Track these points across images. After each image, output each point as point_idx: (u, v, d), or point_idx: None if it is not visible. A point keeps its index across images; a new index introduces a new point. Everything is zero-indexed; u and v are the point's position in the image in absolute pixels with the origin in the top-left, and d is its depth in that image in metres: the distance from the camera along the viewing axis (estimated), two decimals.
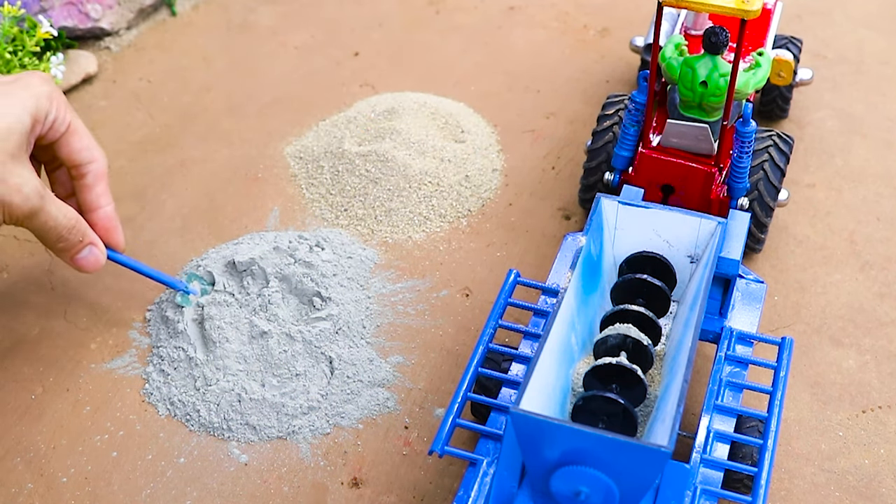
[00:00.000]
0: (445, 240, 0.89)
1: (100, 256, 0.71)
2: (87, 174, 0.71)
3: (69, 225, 0.68)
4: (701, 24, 0.88)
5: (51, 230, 0.67)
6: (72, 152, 0.70)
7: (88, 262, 0.71)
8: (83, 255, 0.70)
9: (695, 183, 0.79)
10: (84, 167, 0.71)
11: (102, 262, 0.72)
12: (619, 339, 0.64)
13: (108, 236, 0.73)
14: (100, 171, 0.72)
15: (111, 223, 0.73)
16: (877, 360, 0.79)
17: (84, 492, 0.70)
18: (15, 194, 0.63)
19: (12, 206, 0.63)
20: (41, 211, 0.65)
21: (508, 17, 1.19)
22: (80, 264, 0.71)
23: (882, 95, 1.05)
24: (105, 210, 0.73)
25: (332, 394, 0.75)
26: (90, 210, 0.72)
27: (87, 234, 0.70)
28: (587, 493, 0.55)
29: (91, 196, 0.72)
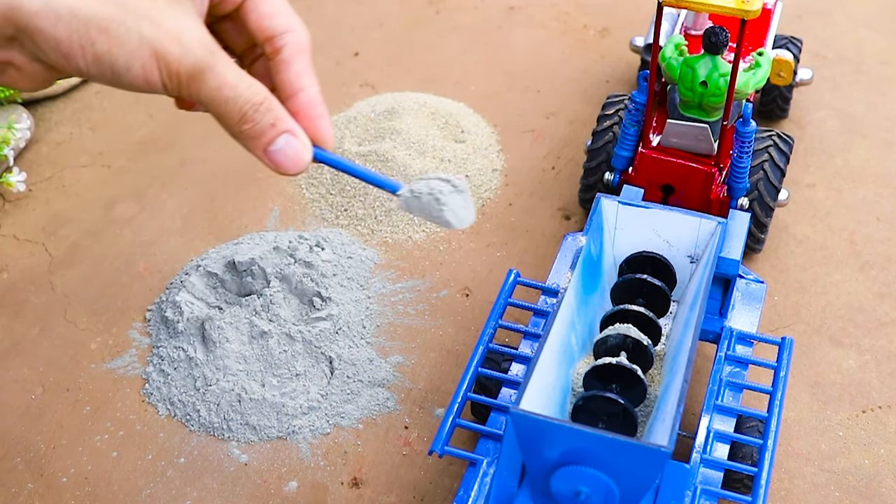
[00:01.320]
0: (445, 240, 0.89)
1: (301, 150, 0.51)
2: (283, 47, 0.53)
3: (255, 99, 0.49)
4: (701, 24, 0.88)
5: (229, 101, 0.48)
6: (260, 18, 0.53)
7: (287, 157, 0.51)
8: (278, 145, 0.51)
9: (695, 183, 0.79)
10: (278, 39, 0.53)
11: (306, 160, 0.52)
12: (619, 339, 0.64)
13: (312, 127, 0.53)
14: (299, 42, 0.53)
15: (315, 110, 0.54)
16: (877, 360, 0.79)
17: (84, 492, 0.70)
18: (170, 41, 0.46)
19: (168, 57, 0.45)
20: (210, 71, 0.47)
21: (508, 17, 1.19)
22: (275, 159, 0.51)
23: (882, 95, 1.05)
24: (308, 93, 0.53)
25: (332, 394, 0.75)
26: (289, 95, 0.53)
27: (283, 119, 0.51)
28: (587, 493, 0.55)
29: (288, 75, 0.53)
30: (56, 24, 0.43)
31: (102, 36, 0.44)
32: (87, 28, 0.44)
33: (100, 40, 0.44)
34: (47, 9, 0.43)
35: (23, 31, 0.43)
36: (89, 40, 0.44)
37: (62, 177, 0.97)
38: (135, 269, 0.87)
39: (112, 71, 0.45)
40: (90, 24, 0.44)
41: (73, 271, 0.87)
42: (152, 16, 0.45)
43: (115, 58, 0.45)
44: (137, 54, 0.45)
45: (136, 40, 0.45)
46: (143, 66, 0.45)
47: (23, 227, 0.92)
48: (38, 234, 0.91)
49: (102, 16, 0.44)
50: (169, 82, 0.47)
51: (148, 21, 0.45)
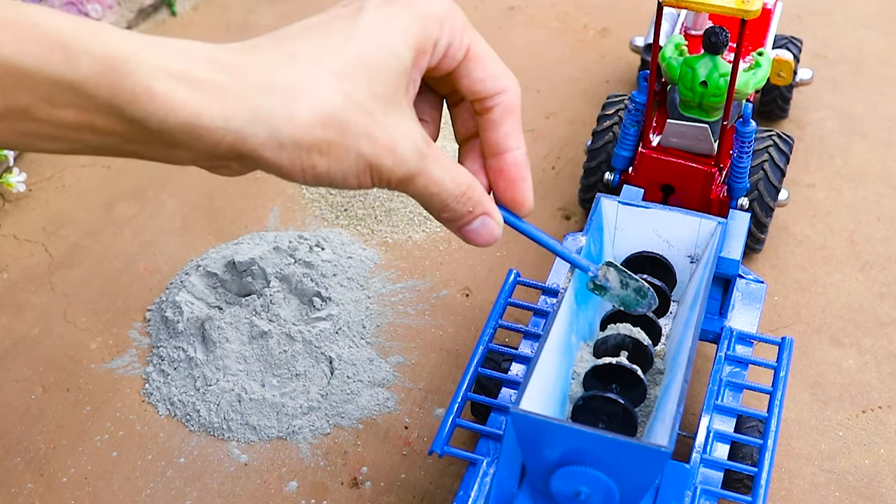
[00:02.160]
0: (445, 240, 0.89)
1: (494, 229, 0.55)
2: (494, 108, 0.54)
3: (457, 192, 0.52)
4: (701, 24, 0.88)
5: (433, 197, 0.51)
6: (473, 83, 0.53)
7: (480, 236, 0.54)
8: (474, 226, 0.54)
9: (695, 183, 0.79)
10: (489, 100, 0.54)
11: (497, 236, 0.55)
12: (619, 339, 0.64)
13: (510, 191, 0.56)
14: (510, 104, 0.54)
15: (518, 173, 0.55)
16: (877, 360, 0.79)
17: (84, 492, 0.70)
18: (386, 155, 0.48)
19: (382, 169, 0.48)
20: (420, 175, 0.50)
21: (508, 17, 1.19)
22: (469, 237, 0.54)
23: (882, 95, 1.05)
24: (513, 154, 0.55)
25: (332, 394, 0.75)
26: (494, 154, 0.55)
27: (481, 203, 0.54)
28: (587, 493, 0.55)
29: (496, 135, 0.55)
30: (280, 154, 0.45)
31: (323, 159, 0.46)
32: (310, 155, 0.46)
33: (320, 163, 0.46)
34: (272, 141, 0.44)
35: (246, 157, 0.45)
36: (310, 164, 0.46)
37: (62, 177, 0.97)
38: (135, 269, 0.87)
39: (328, 182, 0.48)
40: (311, 150, 0.45)
41: (73, 271, 0.87)
42: (370, 131, 0.47)
43: (334, 174, 0.47)
44: (353, 169, 0.47)
45: (354, 158, 0.47)
46: (357, 177, 0.47)
47: (23, 227, 0.92)
48: (38, 234, 0.91)
49: (324, 142, 0.45)
50: (379, 185, 0.49)
51: (366, 138, 0.46)
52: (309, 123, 0.44)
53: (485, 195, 0.54)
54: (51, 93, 0.39)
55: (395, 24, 0.48)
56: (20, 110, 0.39)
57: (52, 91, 0.39)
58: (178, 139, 0.42)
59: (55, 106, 0.39)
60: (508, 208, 0.55)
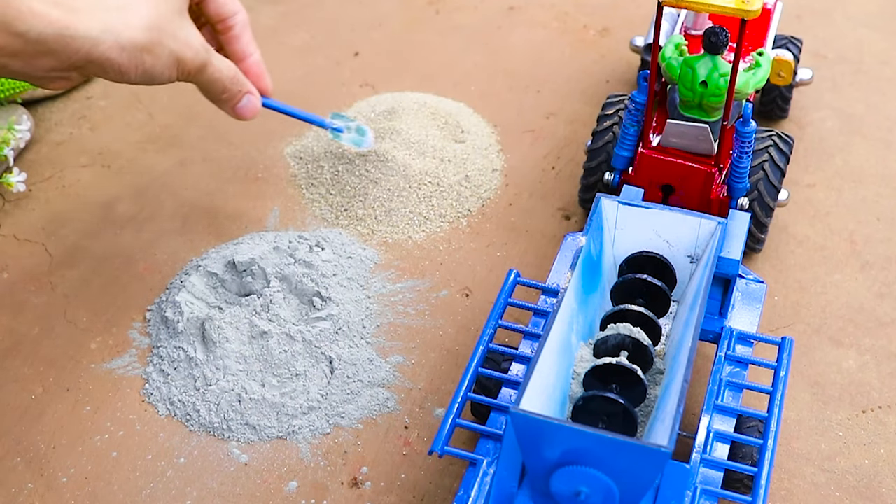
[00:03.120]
0: (445, 240, 0.89)
1: (256, 103, 0.76)
2: (234, 25, 0.76)
3: (231, 75, 0.72)
4: (701, 24, 0.88)
5: (216, 82, 0.71)
6: (218, 6, 0.74)
7: (247, 109, 0.76)
8: (243, 103, 0.75)
9: (695, 183, 0.79)
10: (230, 19, 0.75)
11: (258, 109, 0.77)
12: (619, 339, 0.64)
13: (259, 82, 0.78)
14: (244, 20, 0.76)
15: (260, 69, 0.78)
16: (877, 360, 0.79)
17: (84, 492, 0.70)
18: (187, 49, 0.66)
19: (185, 61, 0.67)
20: (209, 64, 0.69)
21: (508, 17, 1.19)
22: (240, 112, 0.76)
23: (882, 95, 1.05)
24: (254, 57, 0.78)
25: (332, 394, 0.75)
26: (240, 59, 0.77)
27: (245, 83, 0.75)
28: (587, 493, 0.55)
29: (240, 46, 0.77)
30: (121, 55, 0.62)
31: (148, 56, 0.64)
32: (141, 53, 0.64)
33: (147, 59, 0.64)
34: (116, 45, 0.62)
35: (93, 61, 0.61)
36: (141, 61, 0.64)
37: (62, 177, 0.97)
38: (135, 269, 0.87)
39: (150, 77, 0.66)
40: (143, 50, 0.64)
41: (73, 271, 0.87)
42: (174, 32, 0.66)
43: (154, 68, 0.65)
44: (167, 62, 0.66)
45: (168, 54, 0.66)
46: (168, 69, 0.67)
47: (23, 227, 0.92)
48: (38, 234, 0.91)
49: (150, 42, 0.64)
50: (181, 76, 0.69)
51: (173, 38, 0.66)
52: (139, 28, 0.63)
53: (245, 78, 0.75)
54: None
55: None
56: None
57: None
58: (50, 47, 0.59)
59: None
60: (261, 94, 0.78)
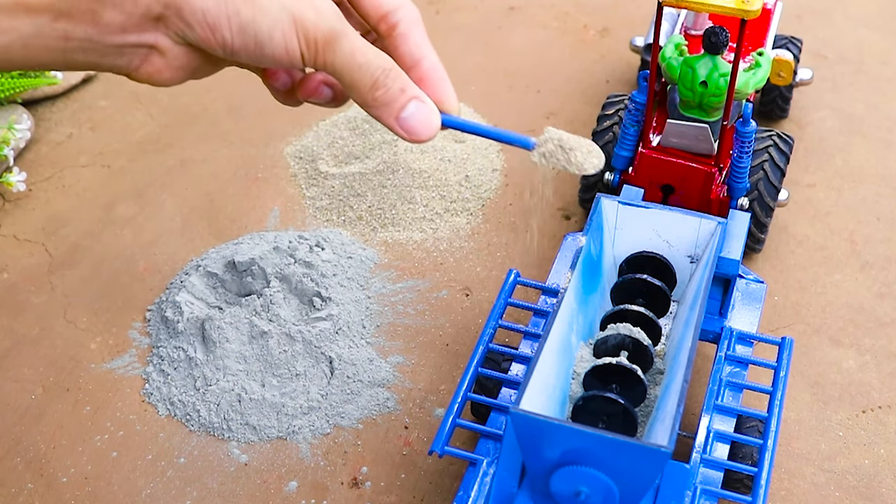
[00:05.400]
0: (445, 240, 0.89)
1: (431, 116, 0.52)
2: (399, 22, 0.54)
3: (386, 65, 0.50)
4: (701, 24, 0.88)
5: (362, 68, 0.49)
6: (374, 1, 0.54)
7: (419, 122, 0.52)
8: (409, 111, 0.51)
9: (695, 183, 0.79)
10: (392, 15, 0.54)
11: (436, 125, 0.52)
12: (619, 339, 0.64)
13: (437, 92, 0.53)
14: (413, 16, 0.55)
15: (438, 75, 0.54)
16: (877, 360, 0.79)
17: (84, 492, 0.70)
18: (307, 8, 0.47)
19: (306, 24, 0.47)
20: (344, 36, 0.48)
21: (508, 17, 1.19)
22: (407, 126, 0.52)
23: (882, 95, 1.05)
24: (430, 60, 0.54)
25: (332, 394, 0.75)
26: (411, 66, 0.54)
27: (411, 86, 0.52)
28: (587, 493, 0.55)
29: (408, 47, 0.54)
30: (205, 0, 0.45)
31: (246, 5, 0.46)
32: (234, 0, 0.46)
33: (244, 9, 0.46)
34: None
35: (171, 5, 0.45)
36: (234, 9, 0.46)
37: (62, 177, 0.97)
38: (135, 269, 0.87)
39: (255, 41, 0.47)
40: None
41: (73, 271, 0.87)
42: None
43: (259, 25, 0.46)
44: (278, 21, 0.46)
45: (277, 8, 0.46)
46: (283, 33, 0.46)
47: (23, 227, 0.92)
48: (38, 234, 0.91)
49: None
50: (307, 50, 0.47)
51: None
52: None
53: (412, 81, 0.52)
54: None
55: None
56: None
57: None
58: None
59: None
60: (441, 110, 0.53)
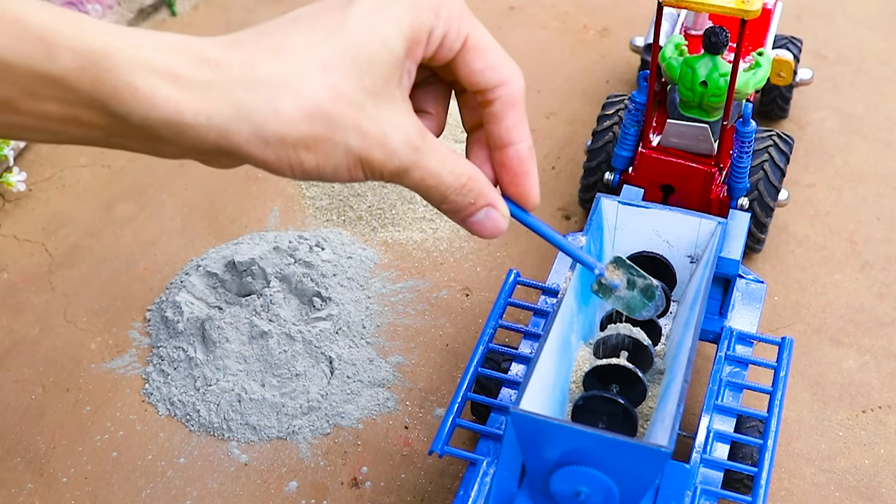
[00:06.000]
0: (445, 240, 0.89)
1: (499, 221, 0.53)
2: (495, 101, 0.53)
3: (457, 185, 0.51)
4: (701, 24, 0.88)
5: (431, 189, 0.50)
6: (472, 74, 0.51)
7: (485, 228, 0.53)
8: (477, 218, 0.53)
9: (695, 183, 0.79)
10: (489, 93, 0.52)
11: (502, 228, 0.54)
12: (619, 339, 0.64)
13: (514, 185, 0.54)
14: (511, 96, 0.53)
15: (521, 167, 0.54)
16: (877, 360, 0.79)
17: (84, 492, 0.70)
18: (376, 149, 0.47)
19: (373, 163, 0.47)
20: (415, 168, 0.49)
21: (508, 17, 1.19)
22: (474, 229, 0.53)
23: (882, 95, 1.05)
24: (516, 148, 0.53)
25: (332, 394, 0.75)
26: (498, 147, 0.54)
27: (484, 195, 0.52)
28: (587, 493, 0.55)
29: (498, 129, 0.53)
30: (265, 151, 0.44)
31: (310, 155, 0.45)
32: (296, 151, 0.45)
33: (307, 158, 0.45)
34: (256, 138, 0.43)
35: (232, 153, 0.44)
36: (298, 161, 0.45)
37: (62, 177, 0.97)
38: (135, 269, 0.87)
39: (319, 177, 0.47)
40: (298, 146, 0.44)
41: (73, 271, 0.87)
42: (359, 125, 0.45)
43: (323, 169, 0.46)
44: (343, 163, 0.46)
45: (343, 152, 0.46)
46: (348, 171, 0.47)
47: (23, 227, 0.92)
48: (38, 234, 0.91)
49: (310, 136, 0.44)
50: (373, 178, 0.48)
51: (354, 132, 0.45)
52: (293, 119, 0.43)
53: (488, 186, 0.52)
54: (34, 86, 0.39)
55: (388, 13, 0.47)
56: (4, 102, 0.39)
57: (34, 84, 0.39)
58: (161, 135, 0.42)
59: (38, 99, 0.39)
60: (514, 202, 0.54)
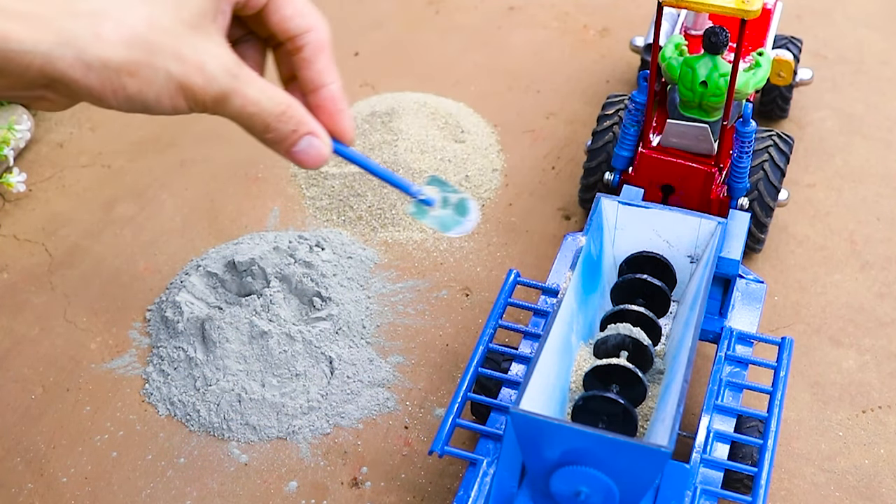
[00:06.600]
0: (445, 240, 0.89)
1: (322, 148, 0.57)
2: (304, 46, 0.58)
3: (276, 111, 0.54)
4: (701, 24, 0.88)
5: (252, 117, 0.53)
6: (282, 20, 0.56)
7: (308, 156, 0.56)
8: (301, 146, 0.56)
9: (695, 183, 0.79)
10: (299, 38, 0.57)
11: (326, 155, 0.57)
12: (619, 339, 0.64)
13: (332, 122, 0.58)
14: (319, 41, 0.58)
15: (335, 105, 0.59)
16: (877, 360, 0.79)
17: (84, 492, 0.70)
18: (195, 74, 0.50)
19: (193, 88, 0.50)
20: (234, 94, 0.52)
21: (508, 17, 1.19)
22: (298, 158, 0.57)
23: (882, 95, 1.05)
24: (328, 89, 0.59)
25: (332, 394, 0.75)
26: (311, 90, 0.59)
27: (304, 122, 0.56)
28: (587, 493, 0.55)
29: (310, 73, 0.58)
30: (88, 75, 0.46)
31: (132, 79, 0.47)
32: (118, 75, 0.47)
33: (130, 84, 0.47)
34: (79, 62, 0.46)
35: (57, 80, 0.46)
36: (120, 85, 0.47)
37: (62, 177, 0.97)
38: (135, 269, 0.87)
39: (143, 106, 0.49)
40: (120, 71, 0.47)
41: (73, 271, 0.87)
42: (178, 51, 0.48)
43: (145, 95, 0.48)
44: (165, 90, 0.49)
45: (164, 78, 0.48)
46: (170, 98, 0.49)
47: (23, 227, 0.92)
48: (38, 234, 0.91)
49: (131, 62, 0.47)
50: (195, 107, 0.51)
51: (173, 58, 0.48)
52: (114, 43, 0.46)
53: (308, 115, 0.55)
54: None
55: None
56: None
57: None
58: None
59: None
60: (334, 138, 0.57)
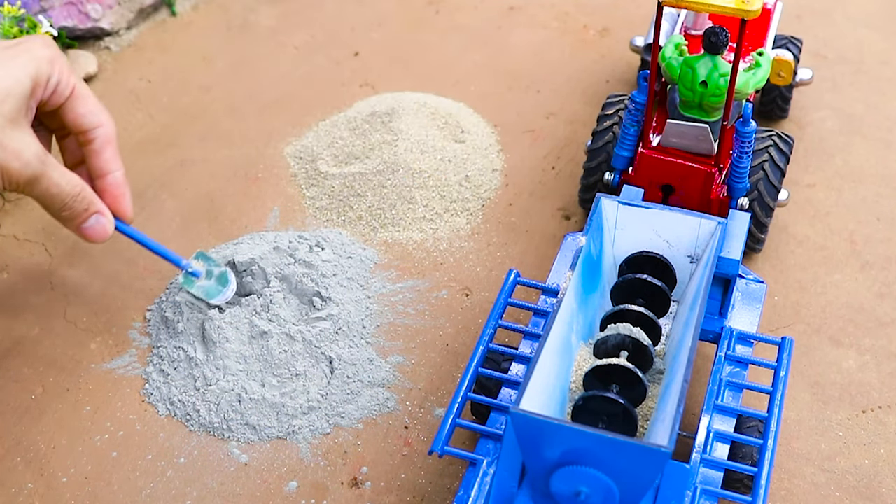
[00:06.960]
0: (445, 240, 0.89)
1: (107, 226, 0.69)
2: (95, 139, 0.69)
3: (73, 192, 0.66)
4: (701, 24, 0.88)
5: (54, 197, 0.65)
6: (77, 117, 0.68)
7: (95, 232, 0.69)
8: (89, 223, 0.68)
9: (695, 183, 0.79)
10: (91, 132, 0.69)
11: (109, 232, 0.70)
12: (619, 339, 0.64)
13: (115, 204, 0.71)
14: (107, 135, 0.70)
15: (119, 190, 0.71)
16: (877, 360, 0.79)
17: (84, 492, 0.70)
18: (14, 160, 0.61)
19: (11, 171, 0.62)
20: (42, 177, 0.63)
21: (508, 17, 1.19)
22: (86, 234, 0.69)
23: (882, 95, 1.05)
24: (114, 176, 0.70)
25: (332, 394, 0.75)
26: (98, 176, 0.70)
27: (94, 203, 0.68)
28: (587, 493, 0.55)
29: (99, 162, 0.70)
30: None
31: None
32: None
33: None
34: None
35: None
36: None
37: None
38: (135, 269, 0.87)
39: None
40: None
41: (73, 271, 0.87)
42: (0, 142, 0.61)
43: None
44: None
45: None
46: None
47: (23, 227, 0.92)
48: (38, 234, 0.91)
49: None
50: (9, 187, 0.63)
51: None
52: None
53: (96, 197, 0.68)
54: None
55: (18, 60, 0.63)
56: None
57: None
58: None
59: None
60: (117, 218, 0.71)
